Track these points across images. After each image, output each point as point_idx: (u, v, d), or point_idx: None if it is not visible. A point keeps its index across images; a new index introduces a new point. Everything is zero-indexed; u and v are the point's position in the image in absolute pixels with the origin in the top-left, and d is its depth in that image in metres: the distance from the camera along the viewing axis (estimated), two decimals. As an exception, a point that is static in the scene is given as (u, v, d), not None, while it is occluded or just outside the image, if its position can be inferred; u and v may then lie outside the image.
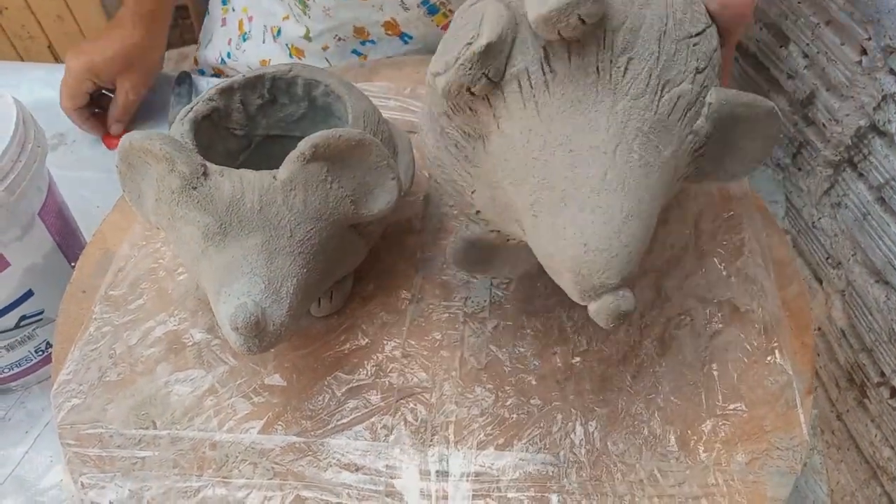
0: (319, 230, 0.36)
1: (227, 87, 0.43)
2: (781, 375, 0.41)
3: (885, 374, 0.54)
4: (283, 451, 0.38)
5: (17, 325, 0.48)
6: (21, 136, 0.44)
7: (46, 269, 0.48)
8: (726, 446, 0.38)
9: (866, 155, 0.54)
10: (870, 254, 0.54)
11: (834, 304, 0.60)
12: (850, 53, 0.54)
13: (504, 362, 0.42)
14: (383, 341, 0.43)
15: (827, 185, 0.59)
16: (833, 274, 0.59)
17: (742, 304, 0.44)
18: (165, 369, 0.42)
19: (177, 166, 0.35)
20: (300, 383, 0.41)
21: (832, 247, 0.59)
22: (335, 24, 0.69)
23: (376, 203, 0.38)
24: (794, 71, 0.61)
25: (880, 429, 0.56)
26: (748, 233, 0.47)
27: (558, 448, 0.38)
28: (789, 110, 0.63)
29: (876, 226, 0.53)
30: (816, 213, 0.61)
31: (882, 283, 0.53)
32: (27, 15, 1.40)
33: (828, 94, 0.57)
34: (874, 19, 0.50)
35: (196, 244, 0.36)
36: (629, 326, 0.43)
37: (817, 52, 0.58)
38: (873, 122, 0.52)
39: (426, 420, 0.39)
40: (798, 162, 0.63)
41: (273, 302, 0.34)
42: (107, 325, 0.44)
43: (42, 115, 0.50)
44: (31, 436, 0.49)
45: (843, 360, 0.59)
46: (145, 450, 0.38)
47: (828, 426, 0.62)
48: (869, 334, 0.55)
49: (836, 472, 0.62)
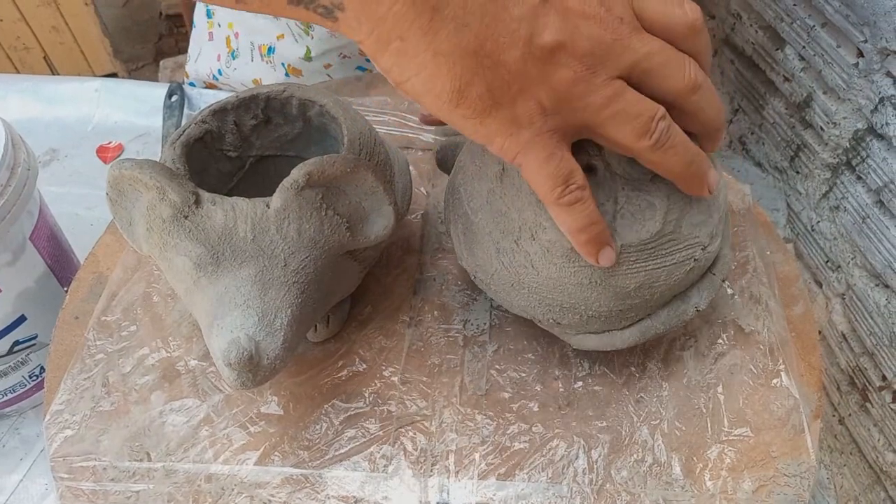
0: (314, 259, 0.36)
1: (220, 109, 0.42)
2: (788, 399, 0.40)
3: (887, 378, 0.54)
4: (281, 483, 0.37)
5: (10, 351, 0.47)
6: (10, 160, 0.43)
7: (39, 293, 0.47)
8: (732, 473, 0.37)
9: (864, 158, 0.53)
10: (869, 257, 0.53)
11: (834, 307, 0.59)
12: (846, 56, 0.53)
13: (505, 388, 0.41)
14: (381, 367, 0.42)
15: (825, 189, 0.58)
16: (833, 277, 0.59)
17: (747, 324, 0.43)
18: (160, 398, 0.41)
19: (168, 195, 0.34)
20: (297, 412, 0.40)
21: (832, 250, 0.58)
22: (341, 43, 0.68)
23: (372, 229, 0.37)
24: (790, 73, 0.61)
25: (883, 433, 0.55)
26: (752, 250, 0.46)
27: (562, 477, 0.37)
28: (786, 113, 0.62)
29: (875, 229, 0.52)
30: (815, 216, 0.60)
31: (882, 287, 0.53)
32: (23, 26, 1.40)
33: (825, 97, 0.57)
34: (870, 22, 0.49)
35: (188, 275, 0.35)
36: (633, 348, 0.42)
37: (814, 54, 0.57)
38: (871, 125, 0.52)
39: (426, 449, 0.38)
40: (796, 165, 0.62)
41: (267, 335, 0.33)
42: (100, 353, 0.43)
43: (33, 130, 0.49)
44: (26, 464, 0.49)
45: (845, 363, 0.58)
46: (139, 483, 0.38)
47: (830, 430, 0.62)
48: (870, 338, 0.55)
49: (839, 476, 0.61)
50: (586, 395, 0.40)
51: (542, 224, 0.35)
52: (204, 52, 0.81)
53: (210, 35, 0.80)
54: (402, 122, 0.57)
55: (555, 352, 0.42)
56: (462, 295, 0.45)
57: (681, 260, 0.35)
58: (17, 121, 0.46)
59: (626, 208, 0.35)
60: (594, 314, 0.36)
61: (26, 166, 0.44)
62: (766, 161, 0.67)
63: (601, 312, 0.36)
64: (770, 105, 0.65)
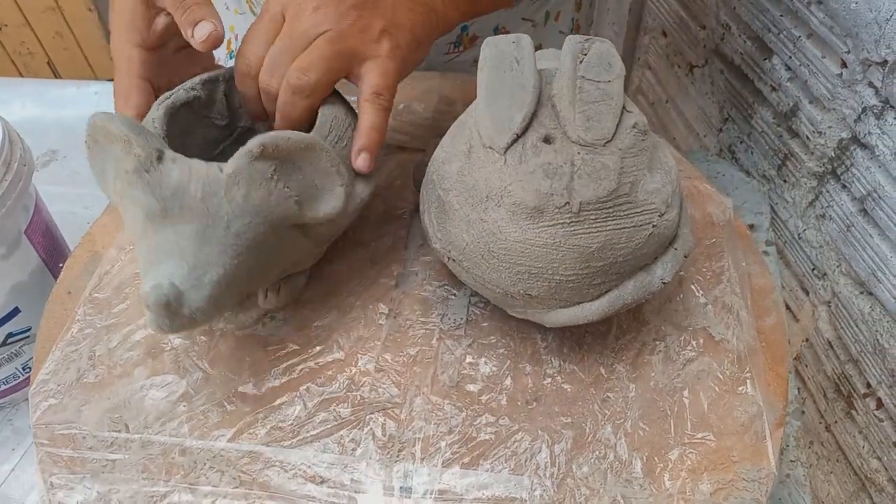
0: (256, 225, 0.37)
1: (211, 79, 0.44)
2: (752, 406, 0.40)
3: (871, 386, 0.54)
4: (251, 460, 0.39)
5: (3, 343, 0.48)
6: (7, 155, 0.45)
7: (33, 286, 0.49)
8: (692, 475, 0.38)
9: (849, 167, 0.54)
10: (854, 265, 0.54)
11: (820, 315, 0.60)
12: (830, 66, 0.54)
13: (476, 380, 0.42)
14: (358, 355, 0.43)
15: (811, 197, 0.59)
16: (819, 285, 0.59)
17: (717, 332, 0.44)
18: (142, 373, 0.42)
19: (133, 149, 0.36)
20: (273, 393, 0.41)
21: (818, 258, 0.59)
22: None
23: (322, 207, 0.39)
24: (777, 83, 0.62)
25: (868, 440, 0.56)
26: (728, 260, 0.47)
27: (524, 469, 0.38)
28: (774, 122, 0.64)
29: (860, 237, 0.53)
30: (802, 224, 0.61)
31: (867, 295, 0.53)
32: (27, 32, 1.43)
33: (811, 107, 0.58)
34: (853, 33, 0.51)
35: (139, 224, 0.37)
36: (603, 348, 0.43)
37: (800, 64, 0.58)
38: (855, 134, 0.53)
39: (394, 435, 0.39)
40: (783, 174, 0.63)
41: (193, 287, 0.35)
42: (89, 328, 0.45)
43: (33, 132, 0.51)
44: (18, 454, 0.50)
45: (831, 370, 0.59)
46: (116, 453, 0.39)
47: (816, 437, 0.62)
48: (855, 345, 0.55)
49: (825, 483, 0.61)
50: (554, 392, 0.41)
51: (507, 188, 0.37)
52: None
53: None
54: (398, 123, 0.58)
55: (527, 348, 0.43)
56: (442, 290, 0.46)
57: (639, 224, 0.38)
58: (18, 122, 0.48)
59: (583, 169, 0.37)
60: (561, 279, 0.38)
61: (22, 162, 0.46)
62: (755, 169, 0.68)
63: (568, 277, 0.37)
64: (758, 114, 0.66)
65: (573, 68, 0.39)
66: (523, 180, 0.37)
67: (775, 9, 0.61)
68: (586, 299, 0.39)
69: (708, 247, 0.48)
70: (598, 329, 0.44)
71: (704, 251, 0.48)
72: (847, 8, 0.51)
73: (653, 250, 0.39)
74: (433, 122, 0.58)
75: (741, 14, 0.66)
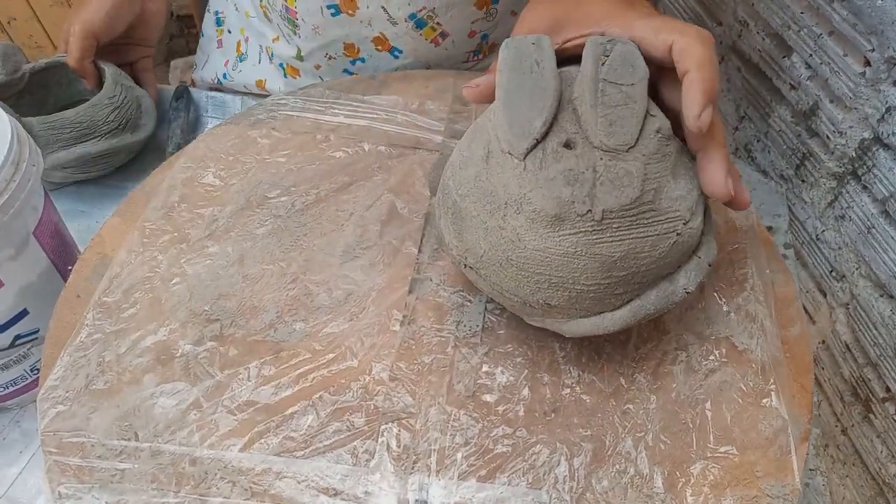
0: None
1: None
2: (776, 419, 0.39)
3: (891, 390, 0.53)
4: (263, 470, 0.38)
5: (11, 345, 0.48)
6: (15, 155, 0.44)
7: (41, 288, 0.48)
8: (714, 490, 0.37)
9: (870, 167, 0.53)
10: (874, 267, 0.53)
11: (838, 317, 0.58)
12: (853, 65, 0.53)
13: (492, 390, 0.41)
14: (372, 363, 0.42)
15: (831, 198, 0.58)
16: (837, 287, 0.58)
17: (740, 342, 0.42)
18: (152, 380, 0.42)
19: None
20: (285, 402, 0.40)
21: (836, 259, 0.58)
22: (325, 41, 0.69)
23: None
24: (796, 81, 0.60)
25: (886, 444, 0.55)
26: (752, 267, 0.46)
27: (542, 483, 0.37)
28: (792, 121, 0.62)
29: (881, 239, 0.52)
30: (820, 225, 0.60)
31: (887, 297, 0.52)
32: (35, 25, 1.42)
33: (831, 106, 0.56)
34: (877, 31, 0.49)
35: None
36: (623, 358, 0.42)
37: (820, 62, 0.57)
38: (877, 135, 0.51)
39: (409, 446, 0.39)
40: (801, 174, 0.62)
41: None
42: (98, 333, 0.44)
43: None
44: (25, 456, 0.49)
45: (848, 374, 0.58)
46: (125, 462, 0.38)
47: (833, 441, 0.61)
48: (874, 348, 0.54)
49: (841, 487, 0.60)
50: (573, 403, 0.40)
51: (527, 196, 0.36)
52: (211, 60, 0.83)
53: (219, 42, 0.83)
54: (413, 122, 0.57)
55: (545, 357, 0.42)
56: (457, 296, 0.45)
57: (663, 232, 0.36)
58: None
59: (605, 175, 0.36)
60: (582, 289, 0.36)
61: (31, 162, 0.45)
62: (772, 169, 0.67)
63: (589, 287, 0.36)
64: (776, 113, 0.65)
65: (595, 71, 0.38)
66: (543, 187, 0.36)
67: (796, 5, 0.59)
68: (607, 309, 0.38)
69: (730, 252, 0.47)
70: (618, 338, 0.43)
71: (727, 257, 0.47)
72: (872, 5, 0.50)
73: (676, 259, 0.38)
74: (448, 122, 0.57)
75: (760, 10, 0.65)
